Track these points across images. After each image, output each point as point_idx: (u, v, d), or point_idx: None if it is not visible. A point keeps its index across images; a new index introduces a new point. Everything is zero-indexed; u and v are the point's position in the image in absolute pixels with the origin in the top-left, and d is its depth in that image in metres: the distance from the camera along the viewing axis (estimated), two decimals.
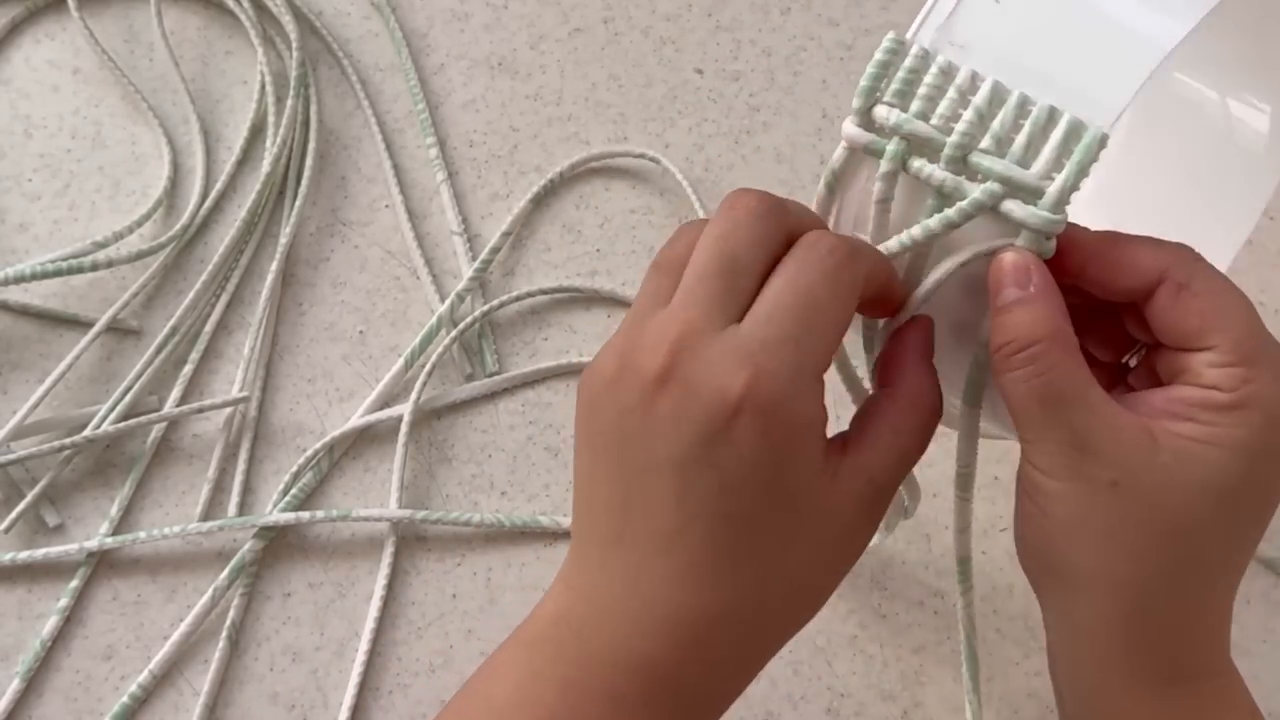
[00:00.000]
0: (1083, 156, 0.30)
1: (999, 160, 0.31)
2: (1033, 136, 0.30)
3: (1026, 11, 0.31)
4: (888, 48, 0.32)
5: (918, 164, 0.32)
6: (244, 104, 0.58)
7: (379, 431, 0.53)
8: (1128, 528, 0.31)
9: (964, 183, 0.31)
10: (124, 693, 0.48)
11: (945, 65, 0.31)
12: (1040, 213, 0.30)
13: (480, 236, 0.56)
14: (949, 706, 0.49)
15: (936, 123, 0.31)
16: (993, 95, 0.31)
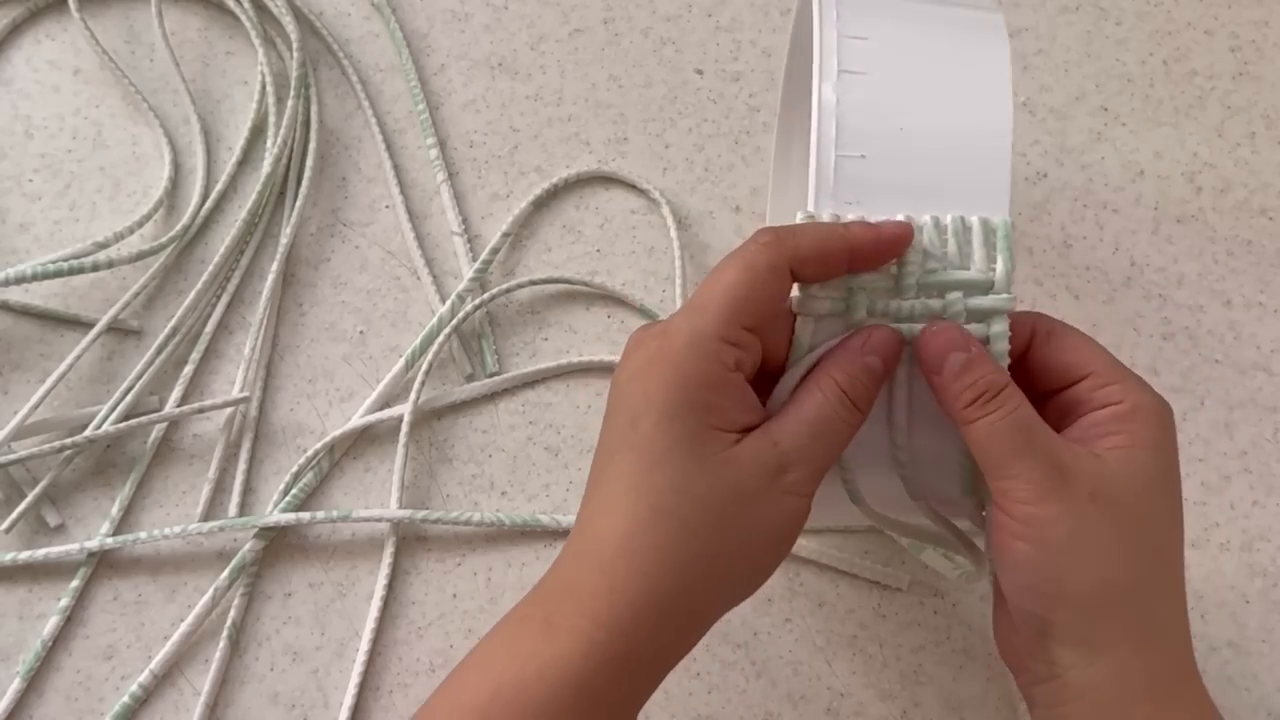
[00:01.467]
0: (1006, 243, 0.36)
1: (949, 272, 0.36)
2: (959, 244, 0.36)
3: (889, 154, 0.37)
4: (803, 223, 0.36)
5: (882, 304, 0.36)
6: (244, 104, 0.58)
7: (379, 431, 0.53)
8: (1114, 534, 0.34)
9: (929, 302, 0.36)
10: (124, 692, 0.48)
11: (860, 221, 0.36)
12: (1004, 296, 0.36)
13: (480, 237, 0.56)
14: (949, 706, 0.49)
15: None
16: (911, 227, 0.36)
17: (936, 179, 0.37)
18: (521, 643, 0.35)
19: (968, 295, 0.36)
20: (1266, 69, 0.60)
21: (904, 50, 0.38)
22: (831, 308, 0.36)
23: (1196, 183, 0.57)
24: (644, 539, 0.34)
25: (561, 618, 0.35)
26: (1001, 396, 0.35)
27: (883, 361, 0.36)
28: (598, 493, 0.36)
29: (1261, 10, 0.61)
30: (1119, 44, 0.60)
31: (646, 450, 0.34)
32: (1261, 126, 0.59)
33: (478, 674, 0.35)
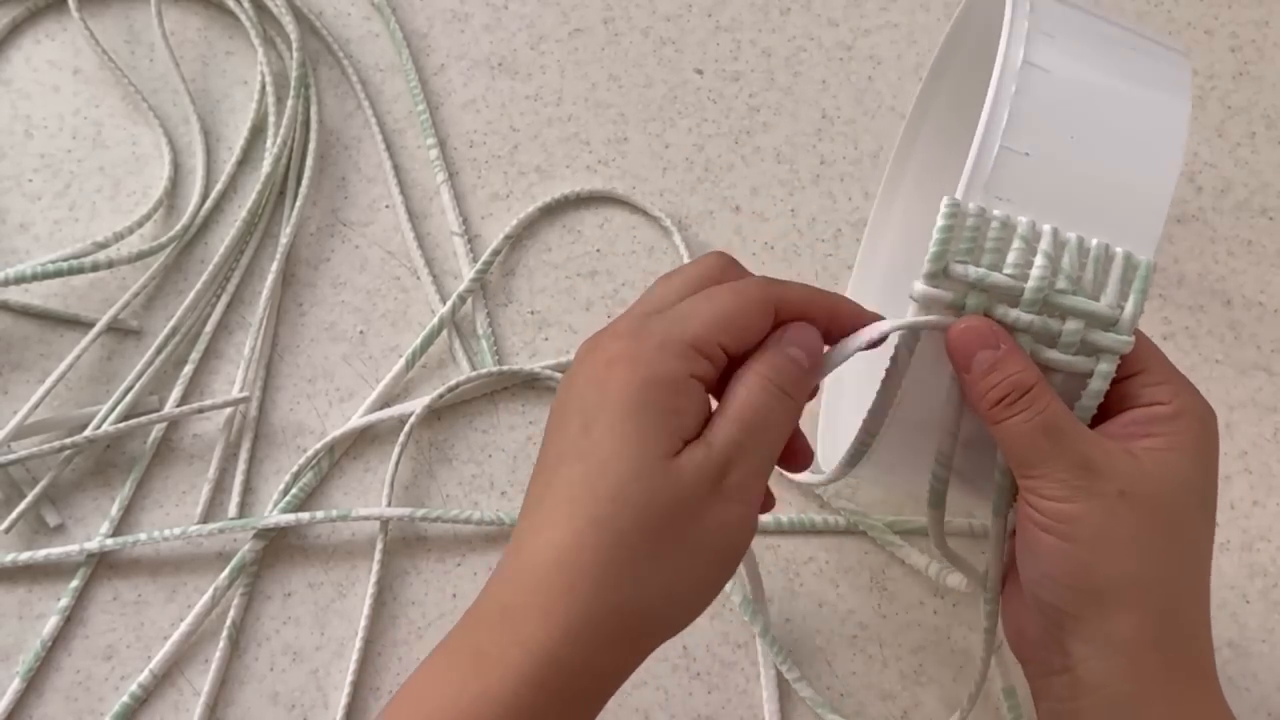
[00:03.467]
0: (1143, 285, 0.35)
1: (1078, 298, 0.35)
2: (1097, 273, 0.35)
3: (1053, 159, 0.36)
4: (947, 212, 0.34)
5: (1000, 310, 0.35)
6: (244, 104, 0.58)
7: (379, 431, 0.53)
8: (1143, 532, 0.34)
9: (1049, 321, 0.35)
10: (124, 692, 0.48)
11: (1005, 219, 0.35)
12: (1123, 337, 0.35)
13: (480, 237, 0.56)
14: (949, 706, 0.49)
15: (1010, 272, 0.35)
16: (1055, 239, 0.35)
17: (1092, 200, 0.36)
18: (451, 677, 0.33)
19: (1088, 328, 0.35)
20: (1267, 69, 0.60)
21: (1091, 61, 0.37)
22: (951, 300, 0.35)
23: (1197, 183, 0.57)
24: (580, 554, 0.32)
25: (492, 647, 0.33)
26: (1029, 396, 0.34)
27: (806, 355, 0.35)
28: (538, 507, 0.34)
29: (1261, 10, 0.61)
30: None
31: (594, 456, 0.33)
32: (1262, 126, 0.59)
33: (407, 709, 0.33)
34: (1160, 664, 0.34)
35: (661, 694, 0.49)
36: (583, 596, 0.32)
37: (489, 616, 0.34)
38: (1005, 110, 0.35)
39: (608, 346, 0.34)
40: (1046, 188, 0.35)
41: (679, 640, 0.49)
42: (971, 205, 0.35)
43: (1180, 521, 0.35)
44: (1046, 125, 0.36)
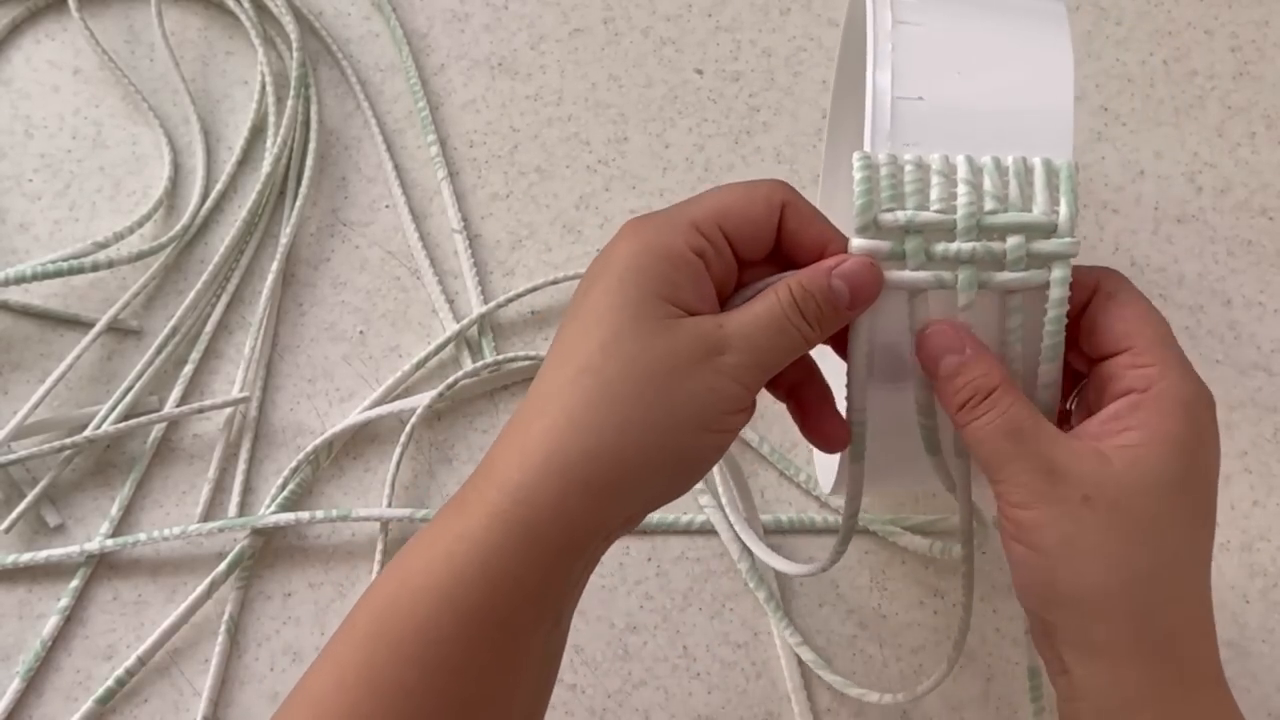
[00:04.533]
0: (1071, 184, 0.35)
1: (1010, 214, 0.35)
2: (1022, 186, 0.35)
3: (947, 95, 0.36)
4: (860, 165, 0.35)
5: (940, 246, 0.35)
6: (244, 104, 0.58)
7: (380, 431, 0.53)
8: (1109, 540, 0.33)
9: (990, 245, 0.35)
10: (124, 685, 0.48)
11: (917, 160, 0.35)
12: (1065, 239, 0.35)
13: (480, 236, 0.56)
14: (949, 706, 0.49)
15: (937, 207, 0.35)
16: (971, 166, 0.35)
17: (997, 122, 0.36)
18: (436, 524, 0.34)
19: (1030, 239, 0.35)
20: (1267, 69, 0.60)
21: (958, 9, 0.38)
22: (890, 249, 0.35)
23: (1197, 183, 0.57)
24: (562, 398, 0.33)
25: (472, 491, 0.33)
26: (992, 399, 0.34)
27: (849, 290, 0.34)
28: (546, 359, 0.35)
29: (1261, 10, 0.61)
30: (1119, 44, 0.60)
31: (592, 312, 0.34)
32: (1262, 126, 0.59)
33: (391, 566, 0.34)
34: (1144, 671, 0.33)
35: (661, 694, 0.49)
36: (558, 436, 0.32)
37: (479, 470, 0.34)
38: (888, 68, 0.36)
39: (627, 225, 0.35)
40: (947, 124, 0.36)
41: (679, 640, 0.49)
42: (882, 155, 0.35)
43: (1156, 522, 0.33)
44: (930, 69, 0.36)
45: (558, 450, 0.32)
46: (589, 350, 0.33)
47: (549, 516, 0.32)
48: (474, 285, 0.55)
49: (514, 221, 0.56)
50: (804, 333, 0.35)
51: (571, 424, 0.33)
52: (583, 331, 0.33)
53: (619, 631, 0.50)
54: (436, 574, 0.32)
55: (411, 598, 0.33)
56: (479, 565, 0.32)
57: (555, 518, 0.33)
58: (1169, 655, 0.33)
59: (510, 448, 0.33)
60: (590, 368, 0.33)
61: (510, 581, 0.32)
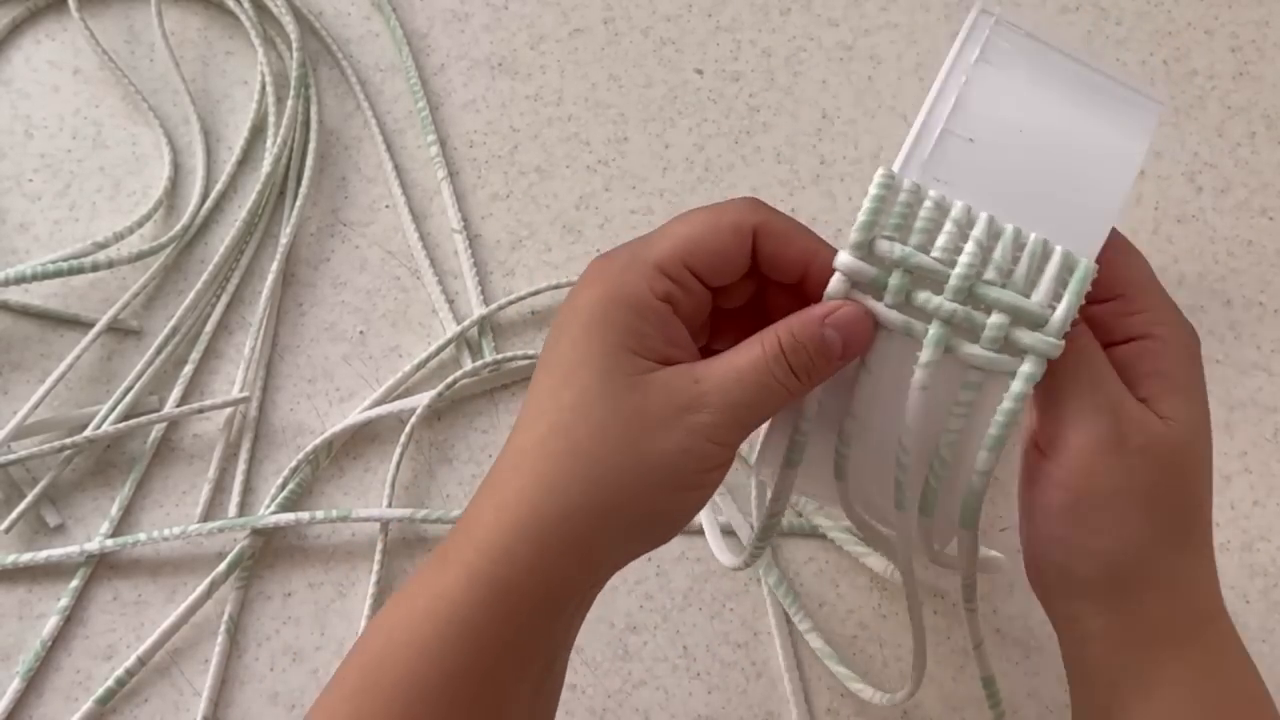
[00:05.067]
0: (1079, 287, 0.33)
1: (1006, 291, 0.33)
2: (1031, 268, 0.33)
3: (1000, 147, 0.34)
4: (881, 183, 0.33)
5: (923, 295, 0.33)
6: (244, 104, 0.58)
7: (380, 431, 0.53)
8: (1155, 491, 0.33)
9: (972, 313, 0.33)
10: (115, 681, 0.48)
11: (939, 199, 0.33)
12: (1049, 339, 0.33)
13: (480, 236, 0.56)
14: (949, 706, 0.49)
15: (938, 255, 0.33)
16: (990, 228, 0.33)
17: (1035, 195, 0.34)
18: (419, 579, 0.34)
19: (1015, 324, 0.33)
20: (1267, 69, 0.60)
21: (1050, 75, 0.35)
22: (872, 277, 0.33)
23: (1197, 182, 0.57)
24: (534, 459, 0.33)
25: (453, 548, 0.33)
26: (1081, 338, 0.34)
27: (842, 341, 0.33)
28: (520, 412, 0.34)
29: (1262, 10, 0.61)
30: (1119, 44, 0.60)
31: (559, 367, 0.33)
32: (1262, 126, 0.59)
33: (378, 619, 0.34)
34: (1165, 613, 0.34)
35: (662, 694, 0.49)
36: (531, 498, 0.32)
37: (459, 527, 0.34)
38: (951, 98, 0.34)
39: (591, 267, 0.35)
40: (988, 176, 0.34)
41: (679, 640, 0.49)
42: (907, 180, 0.33)
43: (1186, 473, 0.34)
44: (994, 117, 0.34)
45: (532, 512, 0.32)
46: (559, 409, 0.33)
47: (527, 577, 0.32)
48: (474, 285, 0.55)
49: (514, 221, 0.56)
50: (789, 386, 0.33)
51: (544, 486, 0.32)
52: (552, 389, 0.33)
53: (619, 631, 0.50)
54: (420, 631, 0.33)
55: (396, 654, 0.33)
56: (460, 623, 0.32)
57: (533, 578, 0.33)
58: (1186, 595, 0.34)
59: (487, 506, 0.33)
60: (560, 428, 0.32)
61: (491, 639, 0.33)
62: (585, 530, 0.32)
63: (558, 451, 0.32)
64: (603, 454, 0.32)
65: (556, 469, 0.32)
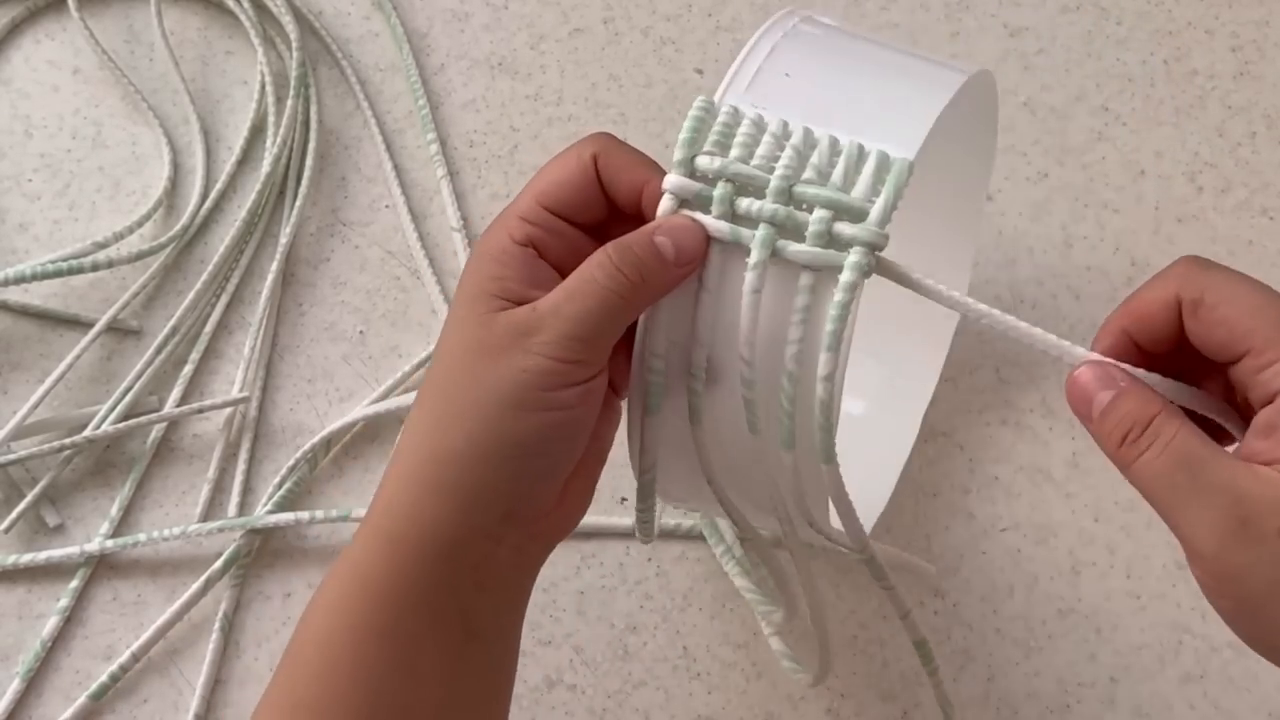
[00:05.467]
0: (898, 179, 0.33)
1: (825, 190, 0.33)
2: (848, 168, 0.33)
3: (815, 77, 0.36)
4: (700, 106, 0.34)
5: (745, 202, 0.34)
6: (244, 104, 0.58)
7: (379, 432, 0.53)
8: None
9: (794, 212, 0.33)
10: (118, 681, 0.48)
11: (756, 117, 0.34)
12: (871, 228, 0.33)
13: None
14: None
15: (758, 163, 0.34)
16: (806, 137, 0.34)
17: (852, 113, 0.35)
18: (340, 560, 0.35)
19: (837, 219, 0.33)
20: (1267, 69, 0.60)
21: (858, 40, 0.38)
22: (697, 191, 0.34)
23: (1197, 182, 0.57)
24: (414, 412, 0.35)
25: (364, 518, 0.35)
26: (1154, 427, 0.30)
27: (674, 246, 0.33)
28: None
29: (1262, 10, 0.61)
30: (1119, 44, 0.60)
31: (442, 332, 0.35)
32: (1262, 126, 0.59)
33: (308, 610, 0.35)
34: None
35: (661, 694, 0.49)
36: (406, 446, 0.34)
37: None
38: (768, 44, 0.36)
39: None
40: (805, 100, 0.35)
41: (679, 640, 0.49)
42: (726, 105, 0.34)
43: None
44: (811, 57, 0.36)
45: (406, 461, 0.34)
46: (434, 361, 0.35)
47: (410, 526, 0.33)
48: None
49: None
50: (619, 289, 0.33)
51: (412, 433, 0.34)
52: (436, 352, 0.35)
53: (619, 631, 0.50)
54: (329, 594, 0.34)
55: (312, 620, 0.34)
56: (360, 580, 0.34)
57: (416, 526, 0.33)
58: None
59: (388, 465, 0.35)
60: (429, 378, 0.35)
61: (389, 592, 0.33)
62: (451, 468, 0.33)
63: (424, 397, 0.34)
64: (452, 391, 0.34)
65: (421, 414, 0.34)
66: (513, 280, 0.34)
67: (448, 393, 0.34)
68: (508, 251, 0.34)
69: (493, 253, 0.34)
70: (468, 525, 0.34)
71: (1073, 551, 0.50)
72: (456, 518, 0.34)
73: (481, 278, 0.34)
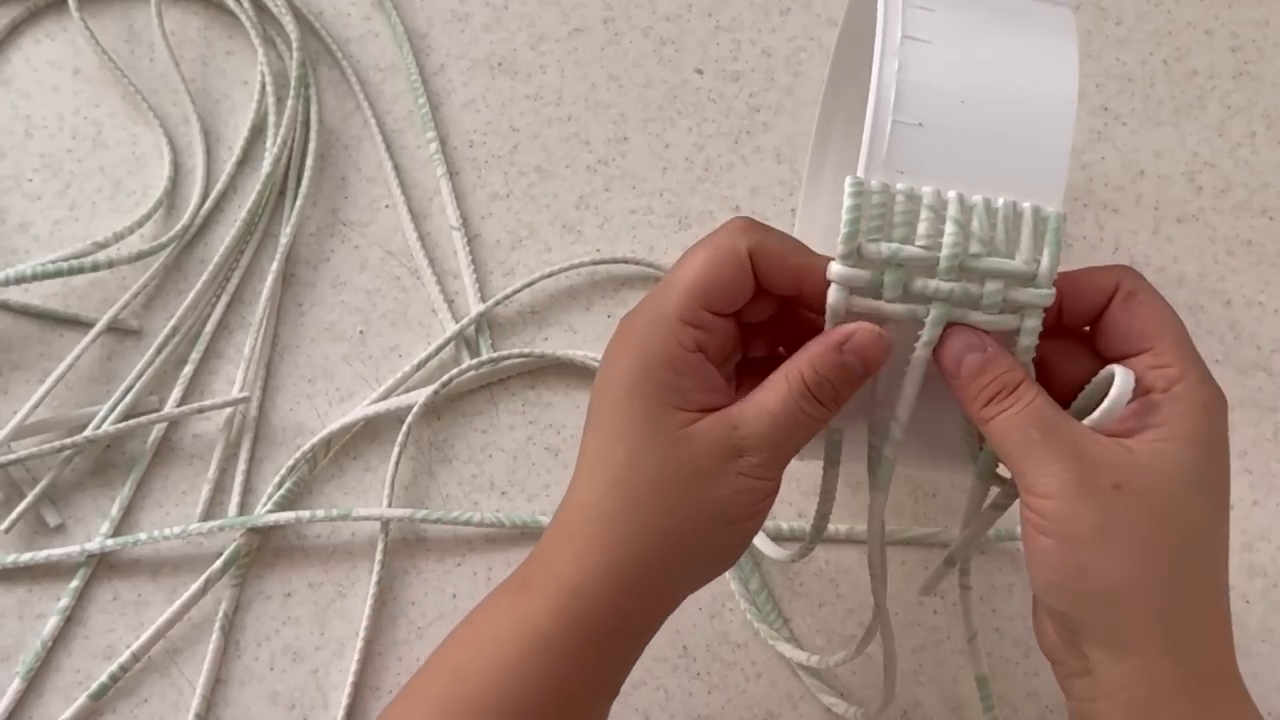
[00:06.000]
0: (1056, 236, 0.35)
1: (993, 260, 0.35)
2: (1008, 232, 0.35)
3: (948, 125, 0.36)
4: (853, 192, 0.35)
5: (919, 283, 0.35)
6: (244, 104, 0.58)
7: (379, 431, 0.53)
8: (1141, 528, 0.33)
9: (969, 286, 0.35)
10: (118, 681, 0.48)
11: (909, 191, 0.35)
12: (1044, 291, 0.35)
13: (480, 236, 0.56)
14: (949, 706, 0.49)
15: (922, 243, 0.35)
16: (962, 205, 0.35)
17: (993, 160, 0.36)
18: (500, 603, 0.37)
19: (1008, 286, 0.35)
20: (1267, 69, 0.60)
21: (970, 25, 0.37)
22: (869, 279, 0.35)
23: (1197, 182, 0.57)
24: (600, 511, 0.36)
25: (536, 579, 0.37)
26: (1017, 392, 0.35)
27: (862, 364, 0.35)
28: (576, 468, 0.37)
29: (1262, 10, 0.61)
30: (1119, 44, 0.60)
31: (608, 428, 0.36)
32: (1262, 126, 0.59)
33: (461, 632, 0.37)
34: (1173, 666, 0.34)
35: (661, 694, 0.49)
36: (606, 545, 0.36)
37: (534, 558, 0.37)
38: (892, 87, 0.36)
39: (620, 325, 0.37)
40: (945, 155, 0.36)
41: (679, 640, 0.49)
42: (874, 182, 0.35)
43: (1180, 517, 0.34)
44: (935, 94, 0.36)
45: (606, 559, 0.36)
46: (615, 466, 0.36)
47: (609, 613, 0.36)
48: (472, 284, 0.55)
49: (514, 221, 0.56)
50: (819, 416, 0.36)
51: (615, 533, 0.36)
52: (606, 448, 0.36)
53: None
54: (505, 647, 0.36)
55: (483, 665, 0.36)
56: (543, 646, 0.35)
57: (614, 614, 0.36)
58: (1196, 650, 0.34)
59: (564, 548, 0.36)
60: (620, 482, 0.35)
61: (575, 663, 0.36)
62: (658, 571, 0.36)
63: (621, 505, 0.36)
64: (665, 505, 0.35)
65: (622, 520, 0.36)
66: (693, 390, 0.36)
67: (656, 506, 0.35)
68: (683, 359, 0.35)
69: (666, 360, 0.35)
70: (659, 613, 0.37)
71: None
72: (651, 608, 0.37)
73: (660, 389, 0.35)
